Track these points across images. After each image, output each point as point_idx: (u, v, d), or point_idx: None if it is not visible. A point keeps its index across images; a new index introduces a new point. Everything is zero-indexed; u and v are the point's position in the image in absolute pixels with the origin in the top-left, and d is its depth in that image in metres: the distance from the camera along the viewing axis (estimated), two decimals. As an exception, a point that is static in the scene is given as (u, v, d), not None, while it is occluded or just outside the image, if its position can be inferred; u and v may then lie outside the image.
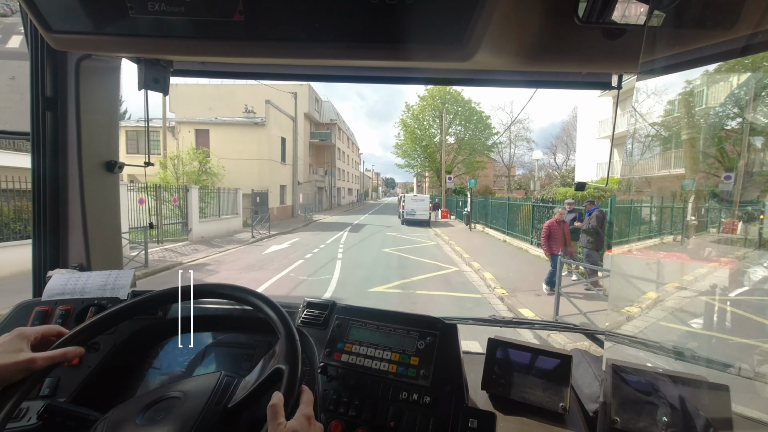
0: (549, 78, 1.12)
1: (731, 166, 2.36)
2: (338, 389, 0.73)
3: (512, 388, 0.81)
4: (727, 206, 3.04)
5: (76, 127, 1.10)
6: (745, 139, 2.16)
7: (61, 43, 0.80)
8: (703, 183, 2.89)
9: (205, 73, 1.18)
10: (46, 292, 0.95)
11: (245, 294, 0.71)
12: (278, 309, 0.68)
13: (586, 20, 0.73)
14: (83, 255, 1.15)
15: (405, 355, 0.75)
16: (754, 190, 2.21)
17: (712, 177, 2.75)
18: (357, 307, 0.86)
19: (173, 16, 0.71)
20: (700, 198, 3.47)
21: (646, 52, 0.70)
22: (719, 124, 2.71)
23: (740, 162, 2.06)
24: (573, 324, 1.17)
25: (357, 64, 0.98)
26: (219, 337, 0.94)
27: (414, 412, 0.68)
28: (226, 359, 0.90)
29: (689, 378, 0.73)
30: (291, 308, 0.89)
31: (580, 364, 0.93)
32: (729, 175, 2.36)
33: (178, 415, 0.56)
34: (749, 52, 0.74)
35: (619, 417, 0.70)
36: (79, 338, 0.65)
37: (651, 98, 2.64)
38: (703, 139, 2.74)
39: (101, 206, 1.20)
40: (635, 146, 3.72)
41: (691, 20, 0.74)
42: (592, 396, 0.81)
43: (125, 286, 0.97)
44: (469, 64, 0.79)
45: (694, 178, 2.87)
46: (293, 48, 0.77)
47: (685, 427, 0.67)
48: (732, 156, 2.40)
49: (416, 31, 0.72)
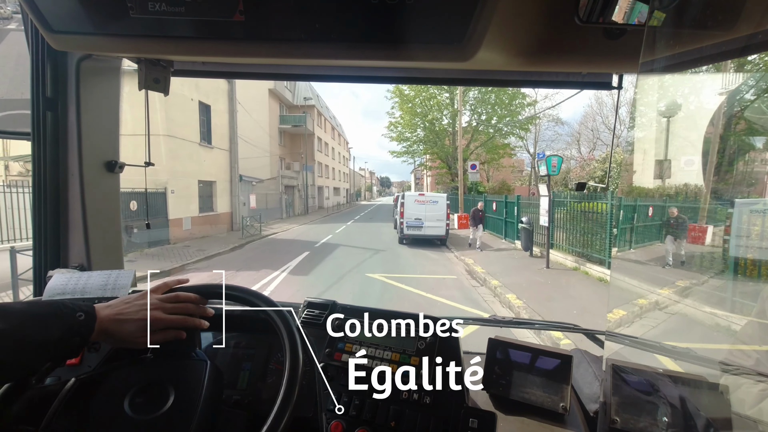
0: (549, 78, 1.12)
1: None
2: (338, 389, 0.73)
3: (512, 388, 0.81)
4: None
5: (76, 127, 1.10)
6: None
7: (61, 43, 0.80)
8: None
9: (206, 73, 1.18)
10: (47, 292, 0.95)
11: (245, 294, 0.71)
12: (279, 309, 0.69)
13: (586, 20, 0.73)
14: (83, 255, 1.15)
15: (405, 355, 0.75)
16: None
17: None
18: (357, 307, 0.86)
19: (173, 16, 0.72)
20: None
21: (646, 52, 0.70)
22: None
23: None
24: (573, 324, 1.17)
25: (357, 64, 0.98)
26: (219, 337, 0.94)
27: (414, 412, 0.68)
28: (226, 359, 0.90)
29: (689, 378, 0.73)
30: (291, 308, 0.89)
31: (580, 364, 0.93)
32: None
33: (174, 408, 0.56)
34: (749, 52, 0.75)
35: (619, 417, 0.70)
36: None
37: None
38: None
39: (102, 206, 1.20)
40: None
41: (691, 20, 0.73)
42: (592, 396, 0.81)
43: (126, 286, 0.97)
44: (469, 64, 0.79)
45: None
46: (293, 48, 0.77)
47: (685, 427, 0.67)
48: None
49: (416, 31, 0.73)
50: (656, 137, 1.90)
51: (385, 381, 0.73)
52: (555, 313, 5.26)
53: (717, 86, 2.43)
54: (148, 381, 0.60)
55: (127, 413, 0.55)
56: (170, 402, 0.57)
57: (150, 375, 0.62)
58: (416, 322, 0.80)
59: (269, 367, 0.87)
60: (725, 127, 2.42)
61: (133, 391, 0.58)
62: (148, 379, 0.60)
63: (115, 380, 0.60)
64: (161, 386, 0.59)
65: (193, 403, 0.57)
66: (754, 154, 2.85)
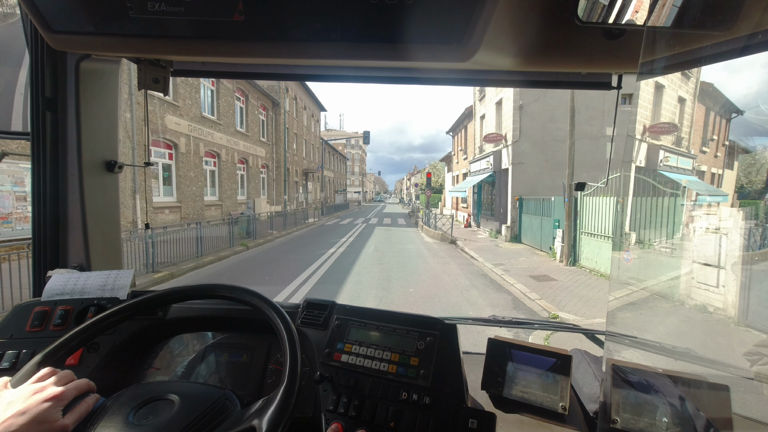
0: (549, 78, 1.12)
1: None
2: (338, 390, 0.73)
3: (512, 388, 0.81)
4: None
5: (76, 127, 1.10)
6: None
7: (60, 43, 0.80)
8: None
9: (205, 73, 1.18)
10: (46, 292, 0.95)
11: (245, 294, 0.71)
12: (278, 309, 0.69)
13: (586, 20, 0.73)
14: (83, 255, 1.15)
15: (405, 355, 0.75)
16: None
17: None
18: (357, 308, 0.86)
19: (173, 16, 0.72)
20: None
21: (646, 52, 0.70)
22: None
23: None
24: (573, 324, 1.17)
25: (357, 64, 0.98)
26: (219, 338, 0.94)
27: (414, 412, 0.68)
28: (226, 359, 0.90)
29: (689, 378, 0.73)
30: (291, 308, 0.89)
31: (580, 364, 0.93)
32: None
33: (164, 422, 0.55)
34: (749, 52, 0.75)
35: (619, 417, 0.70)
36: (78, 339, 0.65)
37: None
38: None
39: (101, 206, 1.20)
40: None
41: (691, 20, 0.74)
42: (592, 396, 0.81)
43: (125, 286, 0.97)
44: (468, 64, 0.79)
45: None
46: (293, 48, 0.77)
47: (685, 427, 0.67)
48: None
49: (416, 31, 0.73)
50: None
51: (385, 381, 0.73)
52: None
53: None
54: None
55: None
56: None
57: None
58: (416, 322, 0.80)
59: (269, 368, 0.87)
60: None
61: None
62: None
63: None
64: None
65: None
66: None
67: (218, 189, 15.58)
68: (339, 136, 54.70)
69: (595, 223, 8.76)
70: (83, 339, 0.66)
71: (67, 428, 0.53)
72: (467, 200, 22.40)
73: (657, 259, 6.65)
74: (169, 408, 0.57)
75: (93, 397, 0.59)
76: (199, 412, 0.57)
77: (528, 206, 12.87)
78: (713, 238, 3.64)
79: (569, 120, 9.49)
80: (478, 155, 19.18)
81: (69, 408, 0.55)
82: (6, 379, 0.57)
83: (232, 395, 0.63)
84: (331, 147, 41.44)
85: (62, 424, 0.53)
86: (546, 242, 11.04)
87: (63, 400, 0.55)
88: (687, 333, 2.90)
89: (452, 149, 28.11)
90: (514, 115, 14.28)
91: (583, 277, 8.02)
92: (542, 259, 10.30)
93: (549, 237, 10.76)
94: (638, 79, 0.88)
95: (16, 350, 0.80)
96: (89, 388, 0.60)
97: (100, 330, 0.68)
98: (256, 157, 19.12)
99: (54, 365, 0.60)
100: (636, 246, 7.44)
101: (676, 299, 3.88)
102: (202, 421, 0.56)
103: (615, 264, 6.27)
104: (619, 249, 7.51)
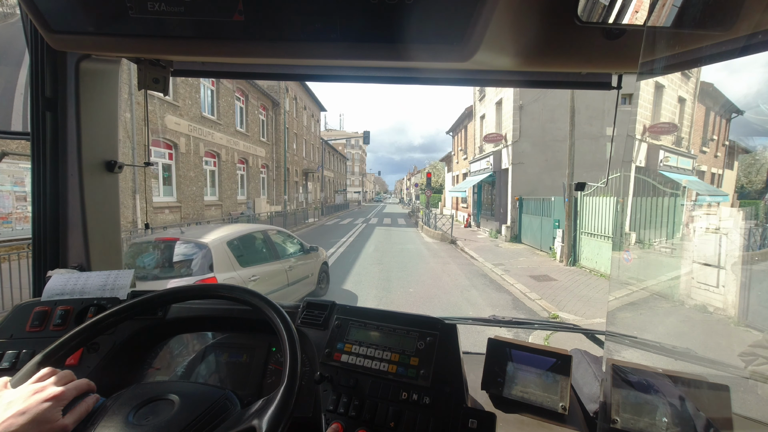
0: (549, 78, 1.12)
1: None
2: (338, 390, 0.73)
3: (512, 388, 0.81)
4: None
5: (75, 127, 1.10)
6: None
7: (60, 43, 0.80)
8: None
9: (205, 73, 1.18)
10: (46, 292, 0.95)
11: (245, 294, 0.71)
12: (278, 309, 0.68)
13: (586, 20, 0.73)
14: (83, 255, 1.15)
15: (405, 355, 0.75)
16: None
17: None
18: (357, 308, 0.86)
19: (173, 16, 0.72)
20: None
21: (646, 52, 0.70)
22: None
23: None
24: (573, 324, 1.17)
25: (357, 64, 0.98)
26: (219, 338, 0.94)
27: (414, 412, 0.68)
28: (226, 359, 0.90)
29: (689, 378, 0.73)
30: (291, 308, 0.89)
31: (580, 364, 0.93)
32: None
33: (164, 422, 0.55)
34: (749, 52, 0.74)
35: (619, 417, 0.70)
36: (78, 339, 0.65)
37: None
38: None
39: (101, 206, 1.20)
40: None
41: (691, 20, 0.74)
42: (592, 396, 0.81)
43: (125, 286, 0.97)
44: (468, 65, 0.79)
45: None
46: (293, 48, 0.77)
47: (685, 427, 0.67)
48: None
49: (416, 31, 0.73)
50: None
51: (385, 381, 0.73)
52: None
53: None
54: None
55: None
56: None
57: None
58: (416, 322, 0.80)
59: (269, 368, 0.87)
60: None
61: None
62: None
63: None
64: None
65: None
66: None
67: (218, 189, 15.58)
68: (339, 136, 54.87)
69: (595, 223, 8.76)
70: (83, 339, 0.66)
71: (67, 428, 0.53)
72: (467, 200, 22.41)
73: (657, 259, 6.69)
74: (169, 408, 0.57)
75: (93, 397, 0.59)
76: (199, 412, 0.57)
77: (528, 206, 12.83)
78: (713, 238, 3.65)
79: (569, 120, 9.51)
80: (478, 155, 19.17)
81: (69, 408, 0.55)
82: (6, 379, 0.57)
83: (232, 395, 0.63)
84: (331, 147, 41.69)
85: (62, 424, 0.53)
86: (546, 242, 11.03)
87: (63, 400, 0.55)
88: (687, 333, 2.91)
89: (452, 149, 28.14)
90: (514, 115, 14.27)
91: (583, 277, 8.02)
92: (542, 259, 10.29)
93: (549, 237, 10.75)
94: (638, 79, 0.88)
95: (16, 350, 0.80)
96: (89, 388, 0.60)
97: (100, 330, 0.68)
98: (256, 157, 19.14)
99: (54, 365, 0.60)
100: (636, 246, 7.48)
101: (676, 299, 3.89)
102: (202, 421, 0.56)
103: (615, 264, 6.28)
104: (619, 249, 7.51)
